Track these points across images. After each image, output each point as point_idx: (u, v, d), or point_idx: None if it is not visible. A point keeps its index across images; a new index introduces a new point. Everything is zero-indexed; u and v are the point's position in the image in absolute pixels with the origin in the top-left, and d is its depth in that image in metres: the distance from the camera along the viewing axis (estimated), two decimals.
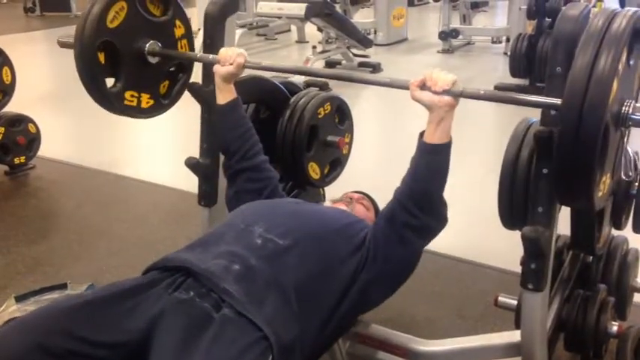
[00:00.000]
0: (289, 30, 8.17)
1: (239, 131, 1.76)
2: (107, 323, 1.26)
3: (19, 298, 2.05)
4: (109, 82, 1.75)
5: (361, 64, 6.19)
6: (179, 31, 1.87)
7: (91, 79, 1.69)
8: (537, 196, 1.40)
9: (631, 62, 1.15)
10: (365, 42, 6.12)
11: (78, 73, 1.68)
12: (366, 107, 5.16)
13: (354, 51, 6.19)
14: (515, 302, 1.75)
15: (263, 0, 6.48)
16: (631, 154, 1.47)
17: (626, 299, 1.92)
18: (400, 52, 7.28)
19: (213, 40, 1.94)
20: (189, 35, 1.91)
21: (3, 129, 3.46)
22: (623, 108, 1.13)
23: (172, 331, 1.25)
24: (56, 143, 4.03)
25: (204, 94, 1.94)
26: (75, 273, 2.50)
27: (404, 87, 1.45)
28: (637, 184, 1.75)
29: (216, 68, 1.71)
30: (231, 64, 1.68)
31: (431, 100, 1.40)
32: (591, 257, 1.90)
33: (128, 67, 1.74)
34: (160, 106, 1.88)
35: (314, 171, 2.20)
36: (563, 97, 1.09)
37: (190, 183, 2.11)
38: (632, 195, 1.73)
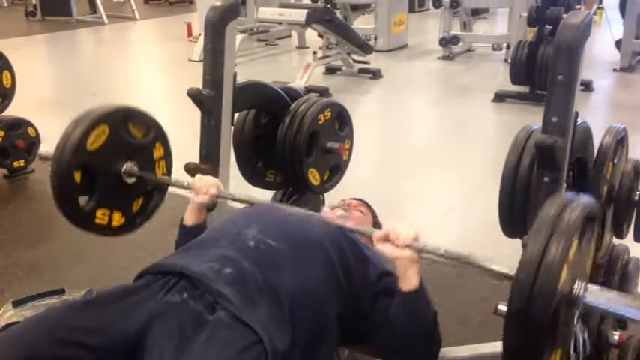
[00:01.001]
0: (290, 36, 8.18)
1: None
2: (100, 327, 1.27)
3: (17, 303, 2.04)
4: (83, 199, 1.73)
5: (361, 71, 6.19)
6: (158, 153, 1.86)
7: (65, 197, 1.67)
8: (538, 204, 1.39)
9: (582, 245, 1.18)
10: (365, 48, 6.12)
11: (52, 189, 1.67)
12: (367, 113, 5.16)
13: (355, 57, 6.20)
14: None
15: (264, 6, 6.50)
16: (582, 337, 1.49)
17: None
18: (400, 59, 7.29)
19: (214, 46, 1.94)
20: (168, 157, 1.89)
21: (2, 133, 3.45)
22: (574, 289, 1.15)
23: (166, 334, 1.25)
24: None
25: (204, 100, 1.94)
26: (73, 277, 2.49)
27: (369, 235, 1.48)
28: (638, 192, 1.75)
29: (192, 197, 1.73)
30: (205, 194, 1.70)
31: (392, 253, 1.42)
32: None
33: (103, 186, 1.73)
34: (131, 225, 1.85)
35: (314, 177, 2.20)
36: (515, 275, 1.12)
37: None
38: (633, 203, 1.73)
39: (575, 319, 1.22)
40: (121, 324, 1.27)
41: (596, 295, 1.18)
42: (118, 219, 1.79)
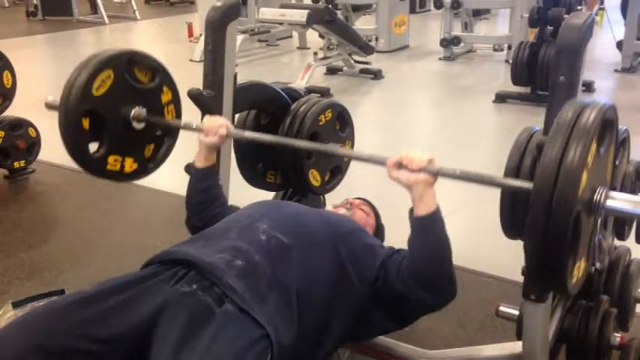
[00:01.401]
0: (291, 36, 8.18)
1: (209, 195, 1.75)
2: (107, 317, 1.26)
3: (17, 304, 2.04)
4: (93, 144, 1.73)
5: (362, 71, 6.19)
6: (166, 97, 1.85)
7: (74, 145, 1.67)
8: None
9: (601, 151, 1.16)
10: (366, 49, 6.12)
11: (61, 138, 1.66)
12: (368, 114, 5.16)
13: (356, 57, 6.20)
14: (516, 312, 1.73)
15: (265, 6, 6.49)
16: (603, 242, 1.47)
17: (629, 310, 1.90)
18: (401, 59, 7.29)
19: (215, 46, 1.93)
20: (176, 101, 1.88)
21: (3, 133, 3.45)
22: (595, 196, 1.12)
23: (173, 325, 1.24)
24: (56, 147, 3.98)
25: (204, 101, 1.93)
26: (74, 278, 2.48)
27: (381, 164, 1.47)
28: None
29: (201, 137, 1.72)
30: (215, 135, 1.69)
31: (407, 180, 1.42)
32: (593, 267, 1.88)
33: (113, 133, 1.72)
34: (144, 170, 1.85)
35: (314, 178, 2.19)
36: (533, 184, 1.09)
37: None
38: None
39: (598, 228, 1.18)
40: (129, 314, 1.27)
41: (618, 200, 1.14)
42: (130, 165, 1.79)
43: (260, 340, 1.24)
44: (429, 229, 1.44)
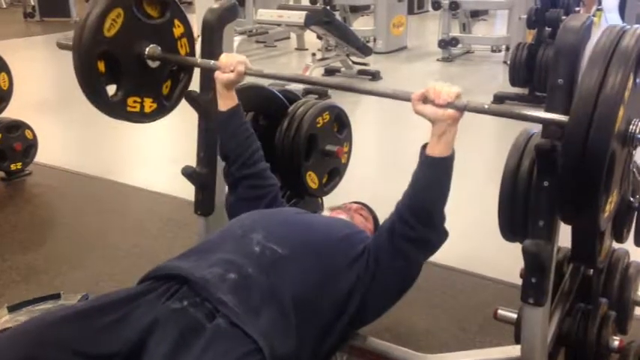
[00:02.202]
0: (289, 37, 8.17)
1: (240, 138, 1.73)
2: (99, 333, 1.25)
3: (12, 308, 2.02)
4: (111, 88, 1.73)
5: (360, 72, 6.18)
6: (178, 30, 1.83)
7: (93, 89, 1.67)
8: (538, 209, 1.38)
9: (638, 81, 1.13)
10: (364, 50, 6.11)
11: (79, 83, 1.66)
12: (365, 116, 5.15)
13: (354, 59, 6.19)
14: (515, 315, 1.73)
15: (263, 7, 6.49)
16: (636, 173, 1.45)
17: (628, 313, 1.89)
18: (400, 60, 7.28)
19: (212, 48, 1.92)
20: (189, 34, 1.87)
21: (0, 135, 3.44)
22: (631, 127, 1.10)
23: (163, 341, 1.23)
24: (53, 150, 4.01)
25: (201, 103, 1.92)
26: (70, 281, 2.47)
27: (406, 99, 1.43)
28: (638, 197, 1.74)
29: (217, 75, 1.68)
30: (232, 71, 1.66)
31: (434, 113, 1.38)
32: (592, 270, 1.88)
33: (129, 73, 1.72)
34: (162, 109, 1.85)
35: (312, 180, 2.19)
36: (570, 116, 1.06)
37: (187, 191, 2.09)
38: (634, 208, 1.71)
39: (632, 159, 1.15)
40: (120, 331, 1.25)
41: None
42: (149, 104, 1.79)
43: (251, 353, 1.22)
44: (439, 171, 1.42)
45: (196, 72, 1.92)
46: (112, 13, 1.63)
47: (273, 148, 2.13)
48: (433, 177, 1.43)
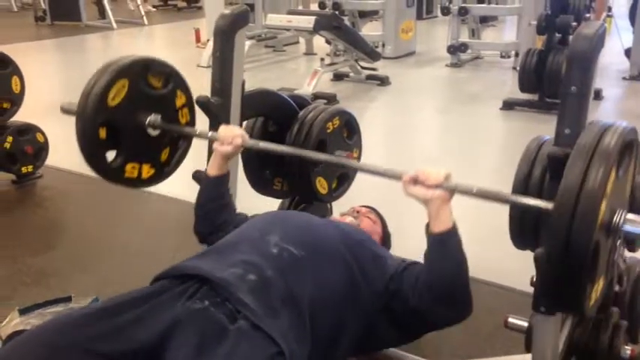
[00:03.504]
0: (298, 42, 8.18)
1: (218, 204, 1.76)
2: (117, 333, 1.25)
3: (23, 311, 2.03)
4: (111, 153, 1.76)
5: (369, 77, 6.18)
6: (180, 100, 1.86)
7: (93, 155, 1.71)
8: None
9: (620, 174, 1.15)
10: (373, 55, 6.11)
11: (79, 148, 1.70)
12: (374, 121, 5.15)
13: (362, 64, 6.19)
14: (525, 324, 1.72)
15: (272, 12, 6.50)
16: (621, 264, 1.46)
17: (639, 322, 1.88)
18: (408, 66, 7.28)
19: (223, 53, 1.93)
20: (190, 104, 1.90)
21: (11, 138, 3.46)
22: (615, 218, 1.13)
23: (186, 343, 1.23)
24: (64, 153, 4.01)
25: (212, 108, 1.93)
26: (80, 284, 2.48)
27: (397, 179, 1.46)
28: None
29: (216, 146, 1.73)
30: (230, 144, 1.69)
31: (424, 195, 1.41)
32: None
33: (129, 141, 1.75)
34: (160, 175, 1.87)
35: (321, 186, 2.19)
36: (553, 207, 1.08)
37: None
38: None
39: (617, 249, 1.18)
40: (140, 330, 1.25)
41: (637, 223, 1.15)
42: (147, 170, 1.81)
43: (274, 357, 1.22)
44: (445, 247, 1.44)
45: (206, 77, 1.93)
46: (118, 84, 1.66)
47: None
48: (441, 255, 1.45)
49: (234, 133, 1.70)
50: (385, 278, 1.48)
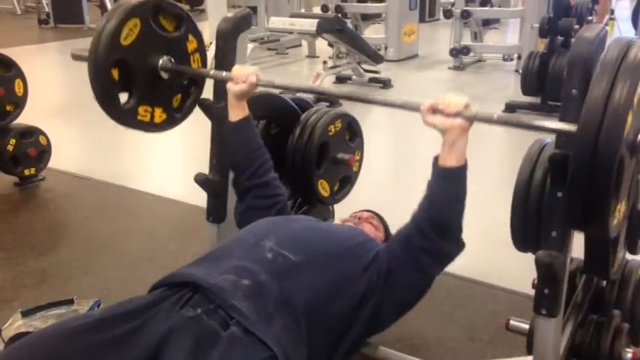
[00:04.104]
0: (300, 45, 8.19)
1: (250, 148, 1.75)
2: (115, 344, 1.24)
3: (26, 313, 2.04)
4: (123, 96, 1.76)
5: (372, 80, 6.19)
6: (191, 45, 1.87)
7: (106, 96, 1.70)
8: (551, 220, 1.37)
9: None
10: (376, 58, 6.12)
11: (92, 89, 1.68)
12: (377, 124, 5.15)
13: (365, 66, 6.20)
14: (526, 326, 1.72)
15: (275, 15, 6.51)
16: None
17: None
18: (411, 68, 7.28)
19: (225, 56, 1.94)
20: (201, 49, 1.91)
21: (14, 140, 3.47)
22: (639, 137, 1.11)
23: (179, 351, 1.23)
24: (67, 155, 4.04)
25: (214, 110, 1.94)
26: (82, 286, 2.48)
27: (415, 109, 1.44)
28: None
29: (229, 86, 1.71)
30: (244, 82, 1.67)
31: (443, 124, 1.39)
32: (605, 282, 1.86)
33: (141, 83, 1.75)
34: (172, 120, 1.88)
35: (324, 188, 2.19)
36: (578, 125, 1.07)
37: (199, 197, 2.11)
38: None
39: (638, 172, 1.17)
40: (136, 341, 1.25)
41: None
42: (159, 115, 1.82)
43: None
44: (453, 182, 1.43)
45: (209, 82, 1.94)
46: (130, 23, 1.67)
47: (285, 155, 2.14)
48: (448, 188, 1.44)
49: (248, 72, 1.69)
50: (383, 269, 1.48)
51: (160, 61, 1.76)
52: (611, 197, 1.09)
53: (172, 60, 1.79)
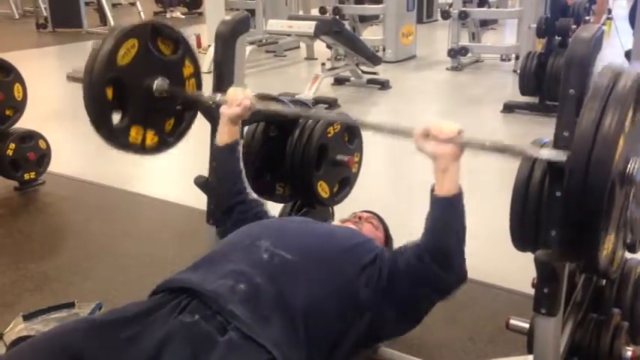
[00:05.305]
0: (298, 47, 8.20)
1: (235, 174, 1.76)
2: (113, 350, 1.25)
3: (27, 317, 2.04)
4: (116, 118, 1.76)
5: (370, 81, 6.19)
6: (188, 70, 1.88)
7: (99, 114, 1.70)
8: (550, 219, 1.38)
9: (637, 117, 1.15)
10: (374, 59, 6.13)
11: (85, 107, 1.68)
12: None
13: (363, 68, 6.21)
14: (527, 325, 1.72)
15: (273, 18, 6.52)
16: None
17: None
18: (409, 70, 7.30)
19: (224, 59, 1.94)
20: (197, 74, 1.91)
21: (14, 145, 3.48)
22: (629, 166, 1.11)
23: (177, 357, 1.23)
24: (66, 159, 4.05)
25: (214, 114, 1.94)
26: (83, 290, 2.49)
27: (408, 135, 1.45)
28: None
29: (223, 109, 1.71)
30: (238, 106, 1.68)
31: (434, 150, 1.40)
32: (604, 281, 1.87)
33: (135, 103, 1.75)
34: (164, 144, 1.88)
35: (323, 190, 2.19)
36: (569, 153, 1.07)
37: (199, 200, 2.11)
38: None
39: (629, 205, 1.16)
40: (134, 348, 1.25)
41: None
42: (151, 138, 1.81)
43: None
44: (449, 210, 1.43)
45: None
46: (128, 43, 1.67)
47: (284, 158, 2.14)
48: (444, 218, 1.44)
49: (242, 95, 1.69)
50: (384, 274, 1.48)
51: (156, 83, 1.76)
52: (600, 228, 1.08)
53: (168, 81, 1.78)
